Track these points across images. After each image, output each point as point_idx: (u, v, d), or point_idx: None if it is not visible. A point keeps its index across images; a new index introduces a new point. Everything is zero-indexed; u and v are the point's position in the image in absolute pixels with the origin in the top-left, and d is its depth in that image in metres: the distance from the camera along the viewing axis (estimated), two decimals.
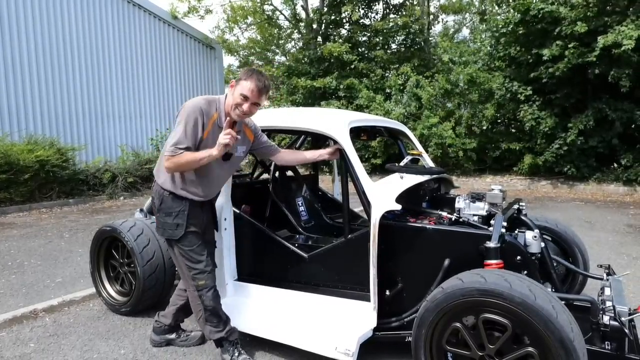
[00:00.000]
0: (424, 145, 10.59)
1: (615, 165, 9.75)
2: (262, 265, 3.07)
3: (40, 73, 10.20)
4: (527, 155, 10.56)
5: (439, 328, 2.10)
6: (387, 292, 2.57)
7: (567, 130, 9.64)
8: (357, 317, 2.58)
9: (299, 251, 2.87)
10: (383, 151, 12.21)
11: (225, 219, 3.03)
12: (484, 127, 11.21)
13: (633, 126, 9.23)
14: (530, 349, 1.88)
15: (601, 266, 2.89)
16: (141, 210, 3.96)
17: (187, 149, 2.30)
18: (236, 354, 2.59)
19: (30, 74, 10.02)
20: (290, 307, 2.83)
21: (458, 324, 2.04)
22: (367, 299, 2.56)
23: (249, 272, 3.14)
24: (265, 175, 4.08)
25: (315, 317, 2.69)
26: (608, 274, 2.75)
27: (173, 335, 2.92)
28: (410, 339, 2.51)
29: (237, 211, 3.11)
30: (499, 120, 11.80)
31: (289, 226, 3.42)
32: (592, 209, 7.78)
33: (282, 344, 2.67)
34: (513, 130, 11.26)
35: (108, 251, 3.55)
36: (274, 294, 2.95)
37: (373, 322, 2.52)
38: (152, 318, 3.32)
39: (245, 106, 2.36)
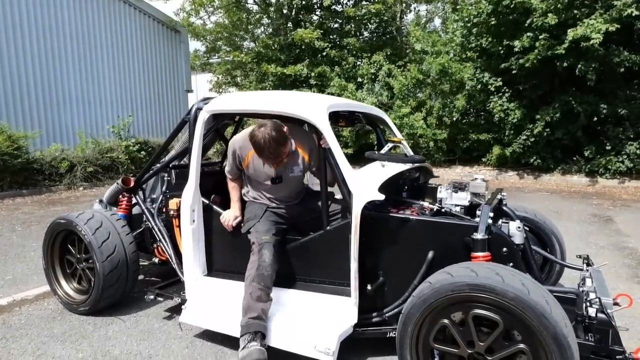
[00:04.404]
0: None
1: (578, 157, 10.04)
2: (234, 259, 2.88)
3: None
4: (496, 147, 10.72)
5: (425, 325, 1.98)
6: (369, 287, 2.44)
7: (535, 122, 9.82)
8: (337, 314, 2.44)
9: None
10: (354, 141, 12.12)
11: (193, 211, 2.82)
12: (454, 118, 11.29)
13: (595, 119, 9.49)
14: (521, 345, 1.79)
15: (580, 256, 2.87)
16: (101, 201, 3.69)
17: (230, 173, 2.88)
18: (250, 340, 2.31)
19: None
20: None
21: (446, 321, 1.93)
22: (348, 294, 2.43)
23: (220, 267, 2.95)
24: None
25: (292, 313, 2.53)
26: (588, 265, 2.72)
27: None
28: (391, 334, 2.42)
29: (207, 202, 2.91)
30: (469, 111, 11.91)
31: None
32: (558, 200, 7.96)
33: None
34: (482, 122, 11.40)
35: (63, 246, 3.27)
36: None
37: (354, 319, 2.39)
38: (113, 317, 3.11)
39: (280, 157, 2.56)
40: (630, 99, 9.38)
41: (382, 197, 2.31)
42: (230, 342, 2.68)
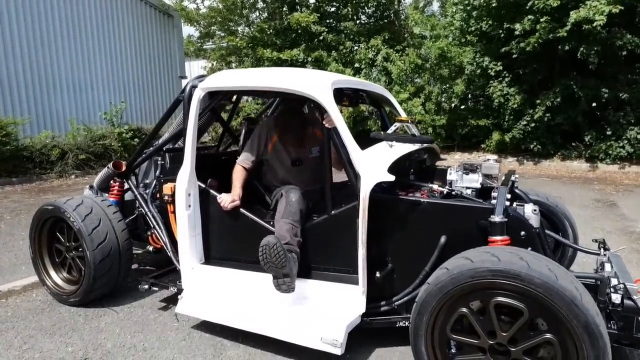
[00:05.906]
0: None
1: (578, 142, 9.92)
2: (233, 246, 2.74)
3: None
4: (495, 132, 10.58)
5: (442, 314, 1.85)
6: (377, 274, 2.30)
7: (535, 107, 9.67)
8: (344, 303, 2.30)
9: (274, 229, 2.54)
10: (352, 127, 11.91)
11: (189, 195, 2.65)
12: (453, 104, 11.11)
13: (594, 104, 9.34)
14: (548, 335, 1.66)
15: (596, 241, 2.74)
16: (91, 187, 3.53)
17: (247, 162, 2.79)
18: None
19: None
20: (266, 292, 2.49)
21: (464, 310, 1.79)
22: (355, 282, 2.29)
23: (218, 254, 2.80)
24: (234, 147, 3.69)
25: (296, 303, 2.39)
26: (605, 249, 2.59)
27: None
28: (401, 324, 2.29)
29: (203, 186, 2.75)
30: (468, 97, 11.73)
31: (262, 202, 3.07)
32: (559, 185, 7.86)
33: (258, 334, 2.36)
34: (482, 107, 11.23)
35: (52, 234, 3.10)
36: (248, 278, 2.61)
37: (362, 308, 2.26)
38: (106, 308, 2.97)
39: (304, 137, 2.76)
40: (631, 82, 9.24)
41: (392, 178, 2.16)
42: (230, 334, 2.55)
